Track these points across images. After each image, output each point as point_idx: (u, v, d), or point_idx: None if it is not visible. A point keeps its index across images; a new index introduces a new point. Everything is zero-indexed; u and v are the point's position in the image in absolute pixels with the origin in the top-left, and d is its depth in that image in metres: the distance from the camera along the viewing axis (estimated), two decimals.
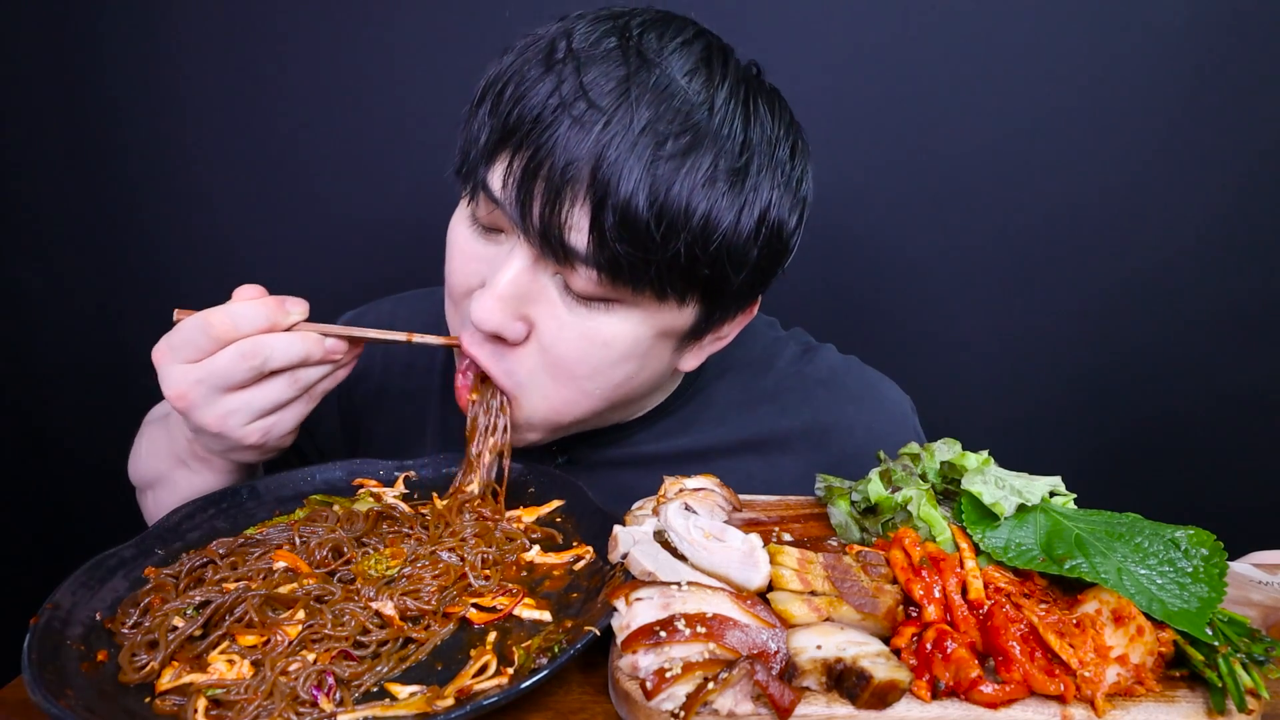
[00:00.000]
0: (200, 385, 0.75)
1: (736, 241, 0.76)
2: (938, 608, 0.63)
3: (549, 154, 0.71)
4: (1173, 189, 1.44)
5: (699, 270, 0.76)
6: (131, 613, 0.65)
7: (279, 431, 0.80)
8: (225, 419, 0.76)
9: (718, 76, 0.76)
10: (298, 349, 0.76)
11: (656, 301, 0.79)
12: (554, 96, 0.72)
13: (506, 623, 0.66)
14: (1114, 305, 1.51)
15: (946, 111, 1.43)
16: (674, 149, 0.71)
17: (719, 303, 0.83)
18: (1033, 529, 0.72)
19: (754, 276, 0.81)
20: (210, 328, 0.73)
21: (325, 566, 0.71)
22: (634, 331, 0.80)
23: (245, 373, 0.74)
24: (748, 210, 0.75)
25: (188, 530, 0.77)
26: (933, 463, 0.82)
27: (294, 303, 0.78)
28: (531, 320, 0.80)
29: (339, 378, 0.83)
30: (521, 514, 0.82)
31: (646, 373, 0.87)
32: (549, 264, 0.78)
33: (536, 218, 0.73)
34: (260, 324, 0.75)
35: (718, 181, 0.73)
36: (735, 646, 0.56)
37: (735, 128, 0.75)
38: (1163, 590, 0.64)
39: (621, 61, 0.73)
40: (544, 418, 0.86)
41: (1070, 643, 0.59)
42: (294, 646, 0.61)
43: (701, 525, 0.68)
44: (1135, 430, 1.57)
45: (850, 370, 1.07)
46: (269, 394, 0.77)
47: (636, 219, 0.71)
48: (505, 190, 0.75)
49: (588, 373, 0.82)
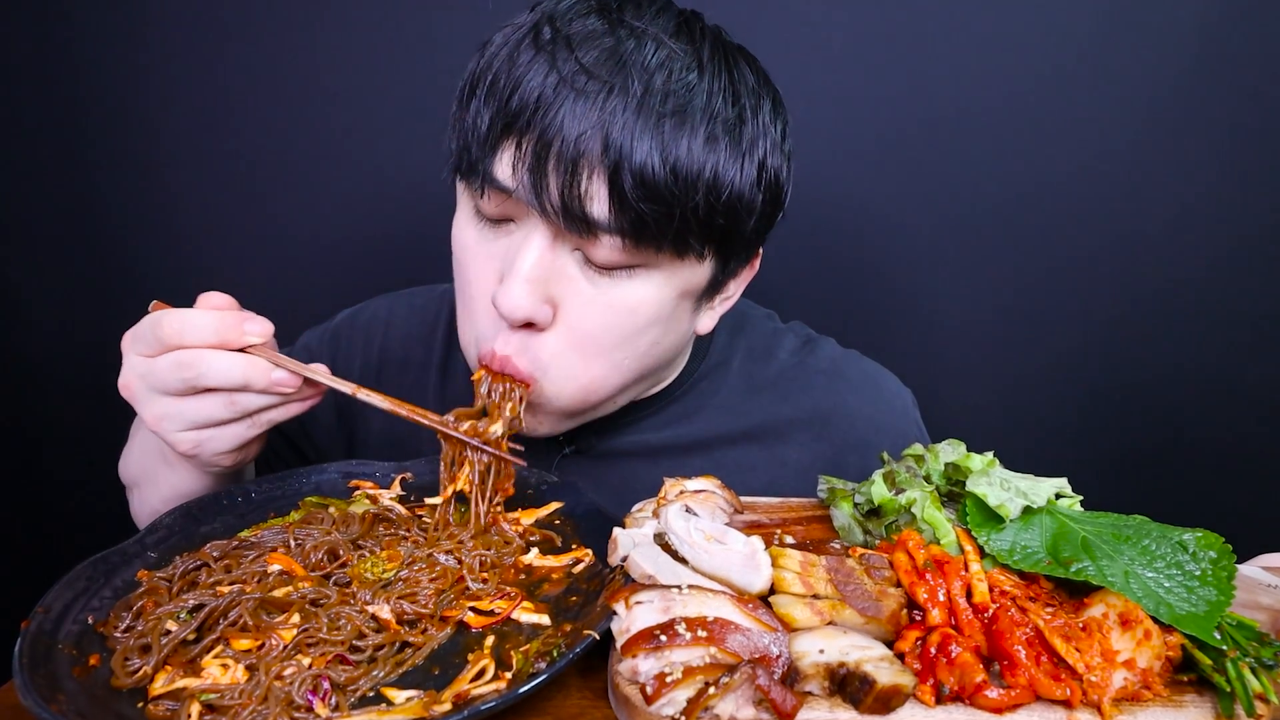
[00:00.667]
0: (140, 381, 0.75)
1: (744, 190, 0.80)
2: (942, 611, 0.63)
3: (558, 131, 0.73)
4: (1185, 187, 1.44)
5: (715, 220, 0.79)
6: (124, 616, 0.65)
7: (214, 448, 0.78)
8: (159, 420, 0.76)
9: (698, 38, 0.79)
10: (236, 373, 0.74)
11: (676, 260, 0.81)
12: (551, 75, 0.74)
13: (504, 626, 0.66)
14: (1122, 305, 1.51)
15: (952, 104, 1.44)
16: (675, 108, 0.74)
17: (732, 252, 0.87)
18: (1038, 531, 0.72)
19: (760, 223, 0.86)
20: (159, 328, 0.73)
21: (321, 569, 0.71)
22: (658, 294, 0.83)
23: (178, 383, 0.73)
24: (748, 161, 0.80)
25: (181, 532, 0.77)
26: (937, 464, 0.82)
27: (255, 323, 0.76)
28: (556, 301, 0.81)
29: (291, 411, 0.80)
30: (520, 516, 0.82)
31: (671, 337, 0.89)
32: (568, 240, 0.79)
33: (555, 196, 0.75)
34: (207, 338, 0.73)
35: (718, 136, 0.77)
36: (737, 651, 0.56)
37: (724, 83, 0.78)
38: (1170, 593, 0.64)
39: (610, 34, 0.76)
40: (572, 397, 0.86)
41: (1076, 647, 0.59)
42: (289, 651, 0.61)
43: (702, 527, 0.68)
44: (1142, 431, 1.57)
45: (851, 361, 1.09)
46: (202, 409, 0.75)
47: (654, 179, 0.74)
48: (516, 175, 0.76)
49: (616, 342, 0.83)
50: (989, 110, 1.43)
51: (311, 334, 1.16)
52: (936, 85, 1.43)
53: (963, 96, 1.43)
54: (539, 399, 0.85)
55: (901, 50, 1.42)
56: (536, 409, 0.87)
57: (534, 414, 0.88)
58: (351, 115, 1.53)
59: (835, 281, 1.55)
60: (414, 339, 1.11)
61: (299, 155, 1.56)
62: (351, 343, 1.12)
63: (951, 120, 1.44)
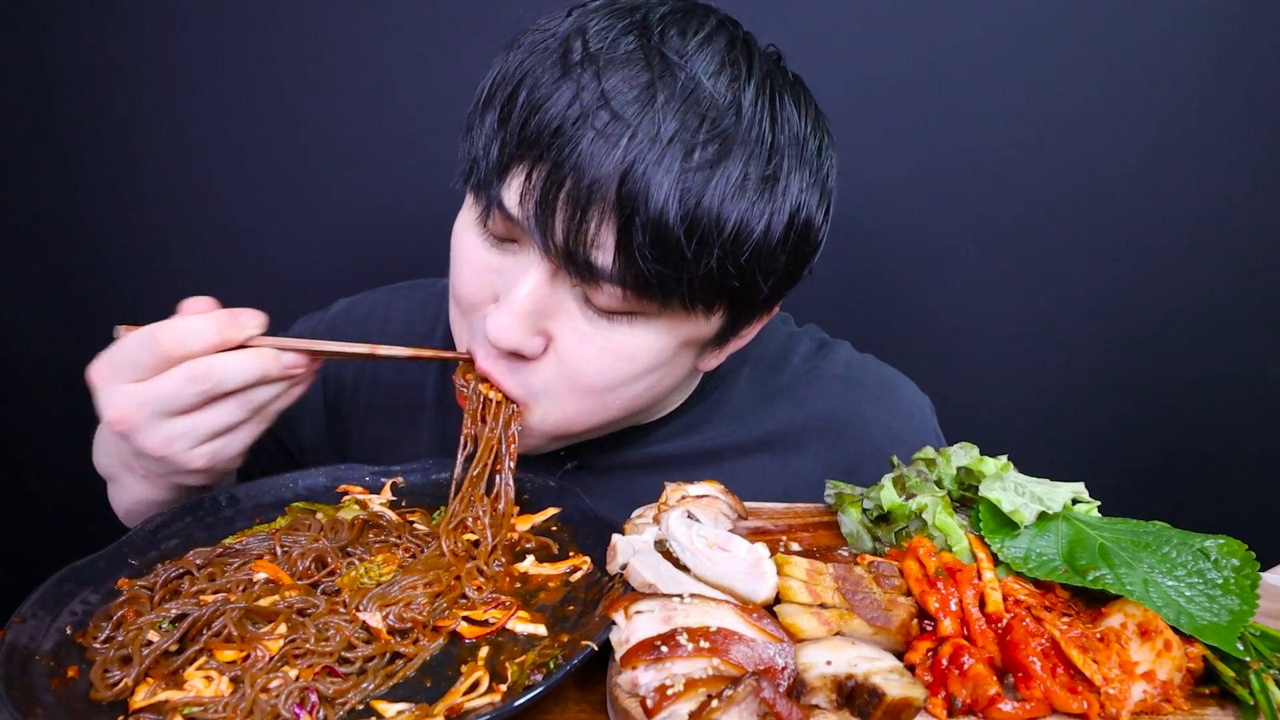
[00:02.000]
0: (144, 408, 0.72)
1: (767, 248, 0.76)
2: (954, 621, 0.63)
3: (572, 169, 0.70)
4: (1213, 188, 1.44)
5: (729, 282, 0.77)
6: (104, 626, 0.65)
7: (227, 455, 0.78)
8: (170, 444, 0.74)
9: (743, 74, 0.75)
10: (253, 369, 0.73)
11: (683, 313, 0.80)
12: (574, 106, 0.70)
13: (499, 637, 0.66)
14: (1142, 306, 1.51)
15: (968, 101, 1.44)
16: (703, 159, 0.70)
17: (746, 310, 0.85)
18: (1054, 538, 0.72)
19: (781, 280, 0.83)
20: (156, 344, 0.71)
21: (308, 578, 0.71)
22: (658, 343, 0.81)
23: (194, 397, 0.72)
24: (778, 214, 0.75)
25: (163, 539, 0.77)
26: (949, 468, 0.82)
27: (249, 316, 0.75)
28: (550, 334, 0.81)
29: (294, 395, 0.80)
30: (515, 522, 0.82)
31: (668, 380, 0.88)
32: (569, 278, 0.78)
33: (559, 236, 0.73)
34: (211, 341, 0.72)
35: (748, 189, 0.73)
36: (740, 662, 0.56)
37: (764, 129, 0.74)
38: (1191, 603, 0.64)
39: (644, 64, 0.71)
40: (555, 426, 0.86)
41: (1094, 658, 0.59)
42: (275, 662, 0.61)
43: (705, 534, 0.68)
44: (1162, 434, 1.57)
45: (867, 367, 1.09)
46: (218, 417, 0.74)
47: (666, 235, 0.71)
48: (523, 207, 0.74)
49: (609, 385, 0.83)
50: (1010, 109, 1.43)
51: (306, 323, 1.16)
52: (957, 81, 1.43)
53: (984, 95, 1.43)
54: (525, 423, 0.86)
55: (922, 46, 1.42)
56: (524, 430, 0.87)
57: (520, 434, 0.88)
58: (346, 102, 1.53)
59: (847, 279, 1.55)
60: (413, 334, 1.11)
61: (291, 145, 1.56)
62: (347, 335, 1.12)
63: (971, 119, 1.44)
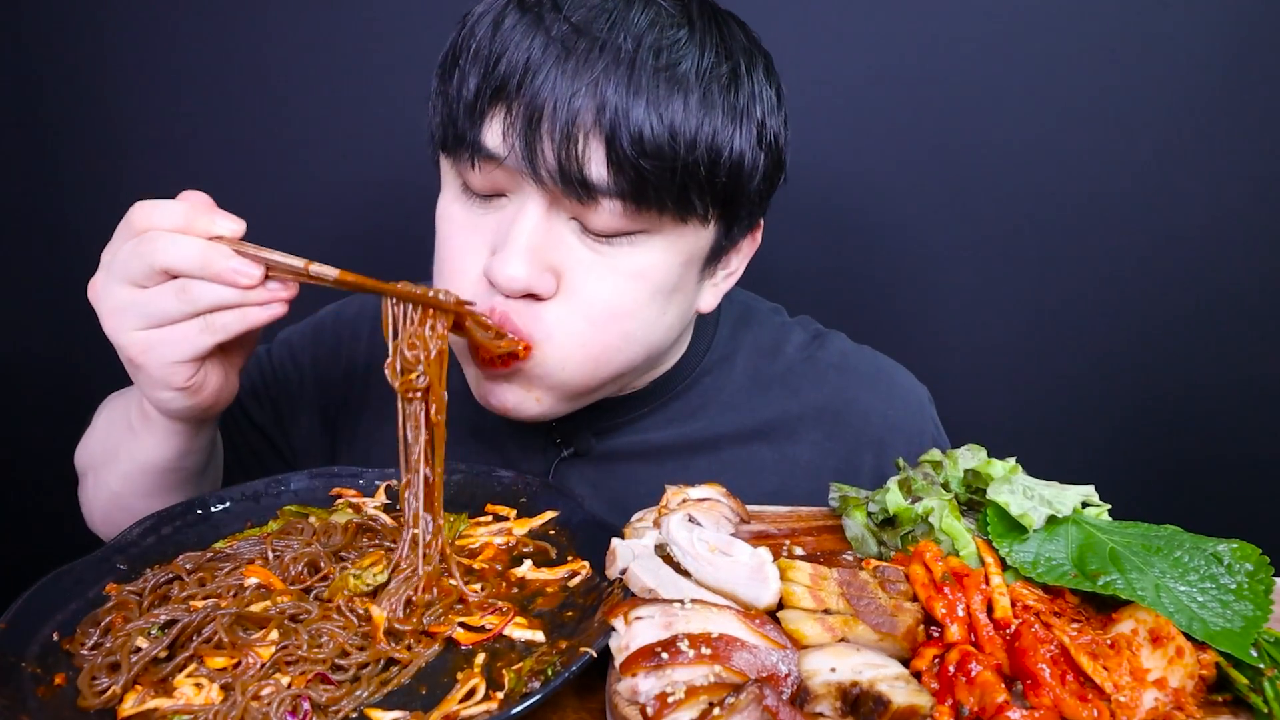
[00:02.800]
0: (104, 271, 0.74)
1: (744, 149, 0.82)
2: (961, 627, 0.63)
3: (550, 94, 0.74)
4: (1223, 185, 1.44)
5: (718, 178, 0.81)
6: (91, 633, 0.65)
7: (163, 356, 0.74)
8: (114, 315, 0.74)
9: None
10: (191, 252, 0.71)
11: (679, 224, 0.82)
12: (539, 37, 0.76)
13: (496, 643, 0.66)
14: (1155, 305, 1.51)
15: (975, 88, 1.44)
16: (668, 64, 0.76)
17: (735, 216, 0.88)
18: (1064, 542, 0.72)
19: (763, 185, 0.87)
20: (129, 218, 0.73)
21: (300, 583, 0.71)
22: (663, 260, 0.84)
23: (137, 263, 0.71)
24: (746, 120, 0.81)
25: (152, 544, 0.77)
26: (956, 471, 0.82)
27: (224, 216, 0.74)
28: (558, 269, 0.82)
29: (251, 319, 0.73)
30: (512, 526, 0.82)
31: (677, 307, 0.90)
32: (564, 209, 0.80)
33: (551, 160, 0.76)
34: (175, 221, 0.72)
35: (714, 95, 0.79)
36: (743, 669, 0.56)
37: (714, 40, 0.81)
38: (1204, 608, 0.64)
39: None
40: (579, 367, 0.84)
41: (1104, 665, 0.59)
42: (267, 669, 0.61)
43: (706, 538, 0.68)
44: (1174, 436, 1.57)
45: (863, 356, 1.10)
46: (155, 301, 0.72)
47: (652, 138, 0.75)
48: (507, 142, 0.77)
49: (628, 309, 0.84)
50: (1020, 97, 1.43)
51: (293, 329, 1.16)
52: (959, 72, 1.43)
53: (993, 83, 1.43)
54: (540, 368, 0.84)
55: (927, 35, 1.42)
56: (535, 381, 0.85)
57: (530, 388, 0.86)
58: (329, 98, 1.53)
59: (845, 276, 1.55)
60: None
61: (279, 145, 1.56)
62: (337, 340, 1.12)
63: (978, 107, 1.44)
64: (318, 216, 1.59)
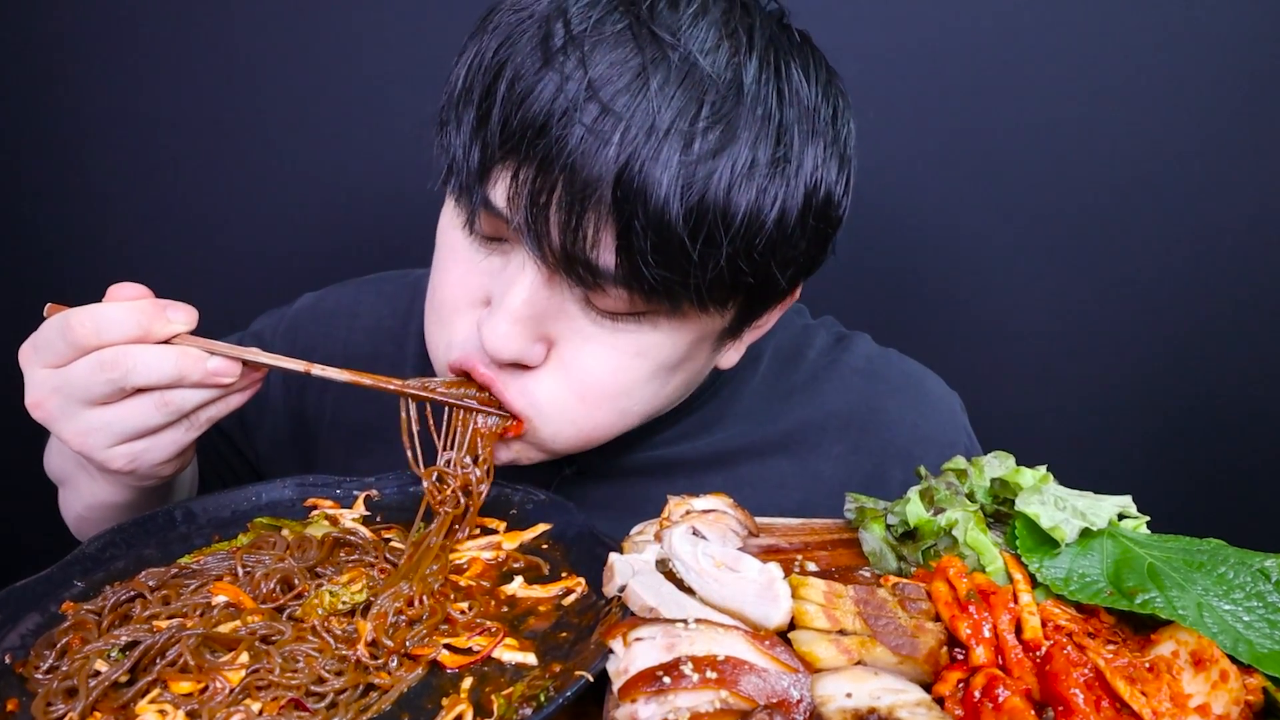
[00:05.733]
0: (56, 395, 0.73)
1: (783, 233, 0.76)
2: (987, 649, 0.63)
3: (562, 170, 0.70)
4: (1271, 183, 1.44)
5: (742, 279, 0.77)
6: (46, 655, 0.65)
7: (150, 460, 0.77)
8: (85, 437, 0.74)
9: (743, 46, 0.74)
10: (168, 366, 0.72)
11: (695, 311, 0.80)
12: (559, 99, 0.70)
13: (484, 666, 0.66)
14: (1195, 301, 1.51)
15: (1002, 72, 1.44)
16: (704, 148, 0.70)
17: (761, 302, 0.86)
18: (1098, 557, 0.72)
19: (800, 268, 0.83)
20: (69, 330, 0.71)
21: (273, 601, 0.71)
22: (670, 340, 0.82)
23: (103, 386, 0.72)
24: (792, 196, 0.75)
25: (112, 559, 0.77)
26: (982, 480, 0.82)
27: (176, 309, 0.75)
28: (551, 338, 0.81)
29: (232, 405, 0.79)
30: (502, 539, 0.82)
31: (684, 377, 0.89)
32: (569, 281, 0.78)
33: (555, 239, 0.73)
34: (129, 331, 0.72)
35: (756, 174, 0.72)
36: (751, 694, 0.56)
37: (770, 106, 0.74)
38: (1250, 628, 0.64)
39: (633, 46, 0.71)
40: (570, 441, 0.87)
41: (1142, 690, 0.59)
42: (236, 695, 0.61)
43: (712, 553, 0.68)
44: (1218, 442, 1.57)
45: (890, 361, 1.09)
46: (135, 416, 0.74)
47: (670, 236, 0.71)
48: (512, 209, 0.74)
49: (621, 390, 0.83)
50: (1054, 80, 1.43)
51: (266, 320, 1.16)
52: (993, 53, 1.43)
53: (1024, 66, 1.43)
54: (533, 439, 0.86)
55: (957, 15, 1.42)
56: (531, 447, 0.88)
57: (527, 450, 0.88)
58: (312, 79, 1.53)
59: (871, 273, 1.55)
60: (384, 333, 1.11)
61: (252, 126, 1.56)
62: (312, 335, 1.12)
63: (1010, 92, 1.44)
64: (288, 205, 1.59)
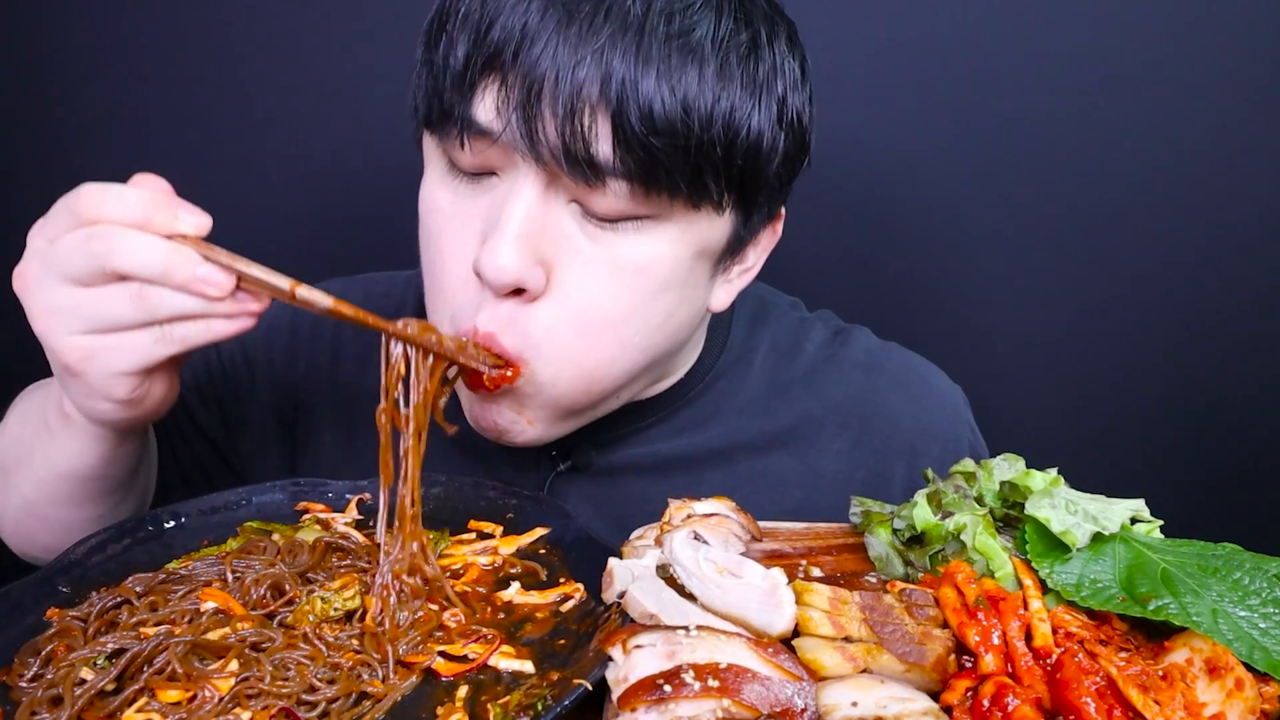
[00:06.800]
0: (39, 264, 0.70)
1: (764, 128, 0.81)
2: (997, 657, 0.63)
3: (551, 64, 0.74)
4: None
5: (734, 159, 0.80)
6: (31, 663, 0.65)
7: (107, 365, 0.71)
8: (50, 317, 0.70)
9: None
10: (155, 257, 0.67)
11: (691, 210, 0.82)
12: (537, 1, 0.75)
13: (480, 674, 0.65)
14: (1209, 299, 1.51)
15: (1009, 61, 1.44)
16: (681, 31, 0.76)
17: (754, 202, 0.87)
18: (1111, 562, 0.72)
19: (785, 168, 0.86)
20: (75, 200, 0.69)
21: (263, 608, 0.71)
22: (671, 251, 0.83)
23: (84, 259, 0.68)
24: (767, 96, 0.81)
25: (98, 563, 0.77)
26: (991, 483, 0.82)
27: (191, 211, 0.70)
28: (550, 262, 0.81)
29: (215, 332, 0.71)
30: (498, 544, 0.82)
31: (686, 307, 0.89)
32: (563, 190, 0.80)
33: (553, 138, 0.75)
34: (130, 214, 0.68)
35: (732, 67, 0.78)
36: (754, 703, 0.56)
37: (733, 5, 0.80)
38: (1267, 635, 0.64)
39: None
40: (571, 384, 0.86)
41: (1156, 699, 0.59)
42: (225, 704, 0.61)
43: (714, 558, 0.68)
44: (1234, 444, 1.57)
45: (891, 354, 1.10)
46: (105, 305, 0.69)
47: (664, 113, 0.75)
48: (501, 117, 0.77)
49: (624, 313, 0.83)
50: (1064, 69, 1.43)
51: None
52: (999, 41, 1.43)
53: (1032, 55, 1.43)
54: (530, 386, 0.84)
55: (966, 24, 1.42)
56: (526, 400, 0.86)
57: (521, 408, 0.87)
58: (302, 69, 1.53)
59: (869, 266, 1.55)
60: (374, 333, 1.11)
61: (234, 122, 1.56)
62: (297, 332, 1.12)
63: (1017, 79, 1.44)
64: (289, 197, 1.59)
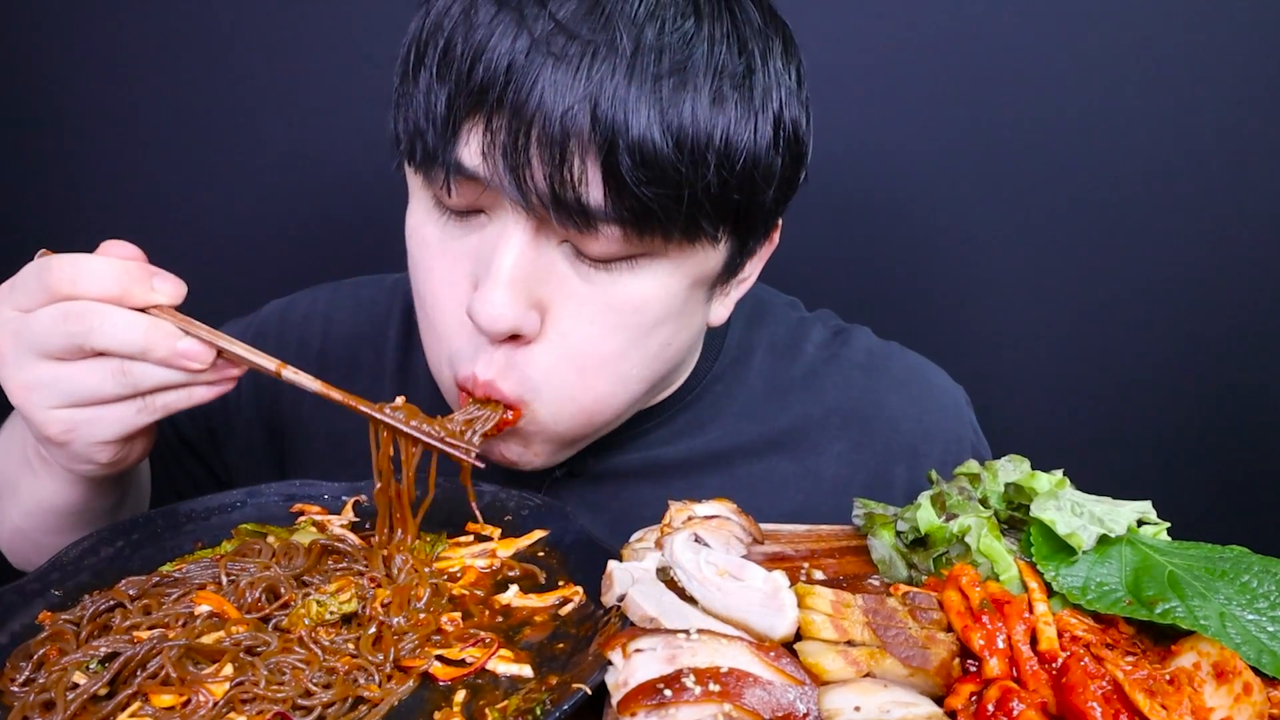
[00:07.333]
0: (13, 338, 0.71)
1: (761, 153, 0.79)
2: (1001, 661, 0.63)
3: (538, 106, 0.72)
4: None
5: (730, 195, 0.79)
6: (22, 667, 0.65)
7: (90, 434, 0.73)
8: (29, 392, 0.71)
9: None
10: (136, 334, 0.69)
11: (686, 245, 0.81)
12: (521, 38, 0.72)
13: (478, 679, 0.66)
14: (1215, 296, 1.51)
15: (1009, 59, 1.44)
16: (673, 67, 0.73)
17: (750, 230, 0.87)
18: (1117, 565, 0.72)
19: (781, 190, 0.85)
20: (47, 273, 0.69)
21: (258, 611, 0.71)
22: (666, 286, 0.82)
23: (62, 339, 0.69)
24: (763, 119, 0.79)
25: (91, 566, 0.77)
26: (995, 485, 0.82)
27: (164, 279, 0.72)
28: (544, 304, 0.81)
29: (195, 398, 0.75)
30: (496, 547, 0.82)
31: (683, 335, 0.89)
32: (555, 233, 0.78)
33: (541, 185, 0.74)
34: (106, 288, 0.69)
35: (726, 93, 0.76)
36: (755, 708, 0.56)
37: (725, 28, 0.77)
38: (1275, 639, 0.64)
39: None
40: (571, 421, 0.86)
41: (1163, 703, 0.59)
42: (220, 708, 0.61)
43: (715, 561, 0.68)
44: (1242, 445, 1.57)
45: (892, 354, 1.10)
46: (87, 379, 0.71)
47: (657, 155, 0.73)
48: (488, 162, 0.75)
49: (621, 350, 0.83)
50: (1065, 67, 1.43)
51: (233, 327, 1.15)
52: (999, 40, 1.43)
53: (1033, 53, 1.43)
54: (533, 425, 0.85)
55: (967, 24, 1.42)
56: (530, 437, 0.87)
57: (526, 444, 0.88)
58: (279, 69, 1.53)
59: (869, 266, 1.55)
60: (361, 340, 1.11)
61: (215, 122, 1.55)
62: (283, 342, 1.12)
63: (1018, 78, 1.44)
64: (280, 197, 1.59)
